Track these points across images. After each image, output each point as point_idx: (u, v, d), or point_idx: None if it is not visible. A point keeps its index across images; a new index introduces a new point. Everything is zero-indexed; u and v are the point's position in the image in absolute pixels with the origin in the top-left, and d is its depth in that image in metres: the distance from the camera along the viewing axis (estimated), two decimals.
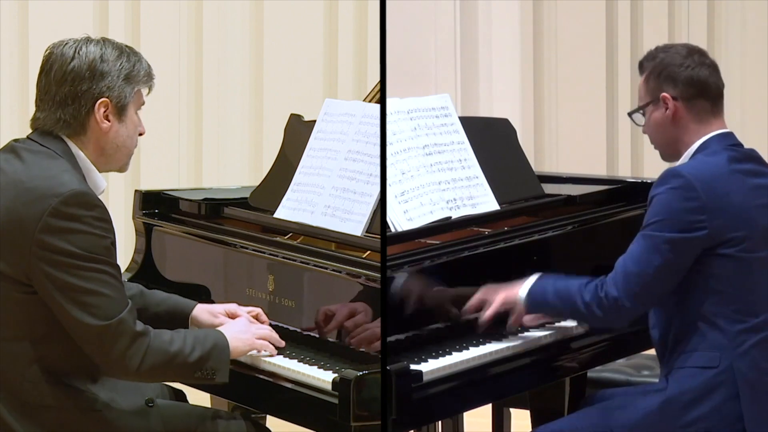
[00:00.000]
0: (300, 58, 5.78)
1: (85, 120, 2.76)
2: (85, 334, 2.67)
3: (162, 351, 2.73)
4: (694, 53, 3.06)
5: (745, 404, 2.86)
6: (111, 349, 2.67)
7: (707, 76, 3.03)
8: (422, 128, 3.25)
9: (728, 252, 2.88)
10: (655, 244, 2.88)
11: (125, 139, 2.82)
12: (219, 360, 2.82)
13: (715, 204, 2.88)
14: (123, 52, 2.80)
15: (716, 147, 2.98)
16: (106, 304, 2.66)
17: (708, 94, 3.03)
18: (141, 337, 2.70)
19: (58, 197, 2.64)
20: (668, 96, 3.01)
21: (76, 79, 2.75)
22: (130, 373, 2.71)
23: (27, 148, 2.76)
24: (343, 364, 2.84)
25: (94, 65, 2.75)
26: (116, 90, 2.77)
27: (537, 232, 3.29)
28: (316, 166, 3.28)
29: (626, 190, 3.67)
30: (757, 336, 2.90)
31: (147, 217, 3.62)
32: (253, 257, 3.21)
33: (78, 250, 2.64)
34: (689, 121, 3.01)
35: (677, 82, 3.01)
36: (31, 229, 2.64)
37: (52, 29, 3.05)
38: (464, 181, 3.27)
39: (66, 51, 2.77)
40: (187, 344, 2.77)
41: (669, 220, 2.88)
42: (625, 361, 3.81)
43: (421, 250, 2.99)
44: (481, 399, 3.05)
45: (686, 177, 2.89)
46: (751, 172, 2.99)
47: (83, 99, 2.75)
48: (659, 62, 3.05)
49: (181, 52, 5.66)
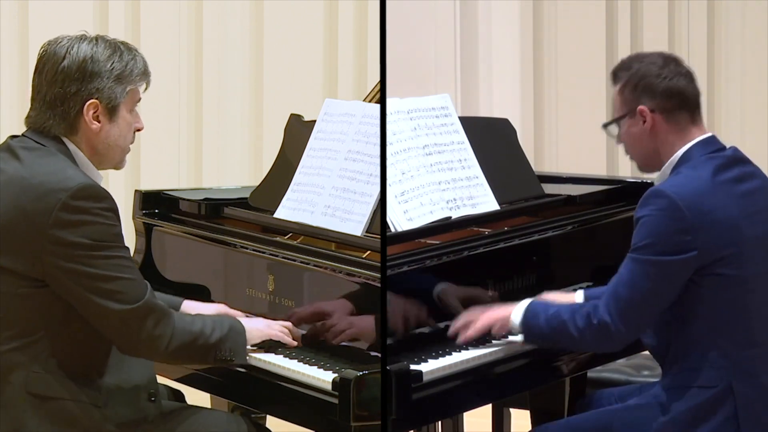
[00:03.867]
0: (300, 58, 5.78)
1: (75, 121, 2.77)
2: (111, 321, 2.69)
3: (187, 331, 2.77)
4: (670, 62, 2.96)
5: (744, 423, 2.83)
6: (140, 331, 2.70)
7: (685, 85, 2.94)
8: (422, 128, 3.25)
9: (721, 271, 2.82)
10: (644, 268, 2.81)
11: (117, 139, 2.81)
12: (236, 342, 2.86)
13: (702, 222, 2.80)
14: (116, 51, 2.78)
15: (699, 157, 2.90)
16: (129, 287, 2.69)
17: (687, 105, 2.94)
18: (167, 317, 2.74)
19: (67, 191, 2.65)
20: (646, 109, 2.92)
21: (66, 80, 2.74)
22: (160, 353, 2.75)
23: (24, 146, 2.76)
24: (343, 364, 2.84)
25: (84, 66, 2.74)
26: (106, 91, 2.76)
27: (537, 232, 3.29)
28: (316, 166, 3.28)
29: (626, 190, 3.67)
30: (755, 354, 2.87)
31: (147, 217, 3.63)
32: (253, 257, 3.21)
33: (91, 241, 2.66)
34: (668, 133, 2.93)
35: (655, 94, 2.92)
36: (42, 225, 2.65)
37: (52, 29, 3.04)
38: (464, 181, 3.26)
39: (58, 50, 2.76)
40: (207, 325, 2.82)
41: (657, 243, 2.80)
42: (625, 361, 3.81)
43: (421, 250, 2.99)
44: (481, 399, 3.05)
45: (670, 197, 2.81)
46: (738, 178, 2.91)
47: (72, 100, 2.75)
48: (635, 73, 2.95)
49: (181, 52, 5.66)
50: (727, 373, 2.84)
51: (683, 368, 2.88)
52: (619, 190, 3.67)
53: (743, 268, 2.85)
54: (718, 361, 2.84)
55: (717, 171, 2.88)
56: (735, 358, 2.85)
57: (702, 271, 2.83)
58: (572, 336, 2.88)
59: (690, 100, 2.95)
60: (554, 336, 2.92)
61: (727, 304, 2.85)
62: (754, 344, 2.87)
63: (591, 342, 2.91)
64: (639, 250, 2.84)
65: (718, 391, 2.84)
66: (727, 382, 2.84)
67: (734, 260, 2.83)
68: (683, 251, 2.80)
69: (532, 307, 2.95)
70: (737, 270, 2.84)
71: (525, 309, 2.95)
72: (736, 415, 2.83)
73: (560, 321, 2.88)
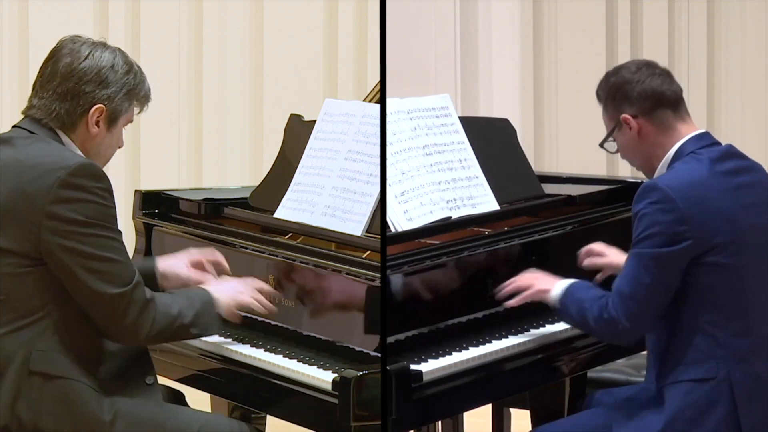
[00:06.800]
0: (300, 58, 5.78)
1: (78, 120, 2.83)
2: (99, 302, 2.74)
3: (167, 314, 2.82)
4: (642, 66, 3.03)
5: (742, 413, 2.84)
6: (124, 316, 2.75)
7: (659, 84, 2.99)
8: (422, 128, 3.25)
9: (715, 260, 2.85)
10: (644, 262, 2.86)
11: (107, 148, 2.90)
12: (210, 316, 2.92)
13: (696, 212, 2.84)
14: (132, 69, 2.89)
15: (692, 151, 2.94)
16: (119, 270, 2.74)
17: (666, 102, 2.99)
18: (150, 304, 2.79)
19: (65, 169, 2.71)
20: (628, 116, 2.99)
21: (83, 78, 2.82)
22: (141, 340, 2.81)
23: (17, 136, 2.83)
24: (343, 364, 2.84)
25: (104, 72, 2.83)
26: (115, 101, 2.85)
27: (537, 232, 3.29)
28: (316, 166, 3.28)
29: (626, 190, 3.66)
30: (751, 343, 2.88)
31: (147, 217, 3.63)
32: (253, 257, 3.21)
33: (88, 218, 2.72)
34: (655, 135, 2.98)
35: (632, 99, 2.99)
36: (41, 202, 2.70)
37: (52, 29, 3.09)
38: (464, 181, 3.27)
39: (82, 49, 2.84)
40: (183, 305, 2.87)
41: (654, 235, 2.84)
42: (625, 361, 3.81)
43: (421, 250, 3.00)
44: (481, 399, 3.05)
45: (663, 189, 2.85)
46: (733, 171, 2.94)
47: (82, 99, 2.82)
48: (612, 86, 3.03)
49: (181, 52, 5.66)
50: (724, 363, 2.85)
51: (680, 363, 2.89)
52: (619, 190, 3.67)
53: (738, 257, 2.87)
54: (714, 351, 2.86)
55: (711, 163, 2.92)
56: (731, 347, 2.86)
57: (697, 260, 2.86)
58: (590, 326, 2.96)
59: (667, 98, 3.00)
60: (579, 321, 3.00)
61: (719, 292, 2.87)
62: (750, 333, 2.89)
63: (603, 335, 2.99)
64: (638, 244, 2.88)
65: (718, 382, 2.85)
66: (725, 372, 2.85)
67: (729, 249, 2.86)
68: (678, 242, 2.84)
69: (570, 289, 3.02)
70: (732, 259, 2.86)
71: (564, 289, 3.02)
72: (735, 408, 2.84)
73: (583, 309, 2.95)
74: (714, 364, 2.85)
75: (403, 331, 2.87)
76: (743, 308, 2.88)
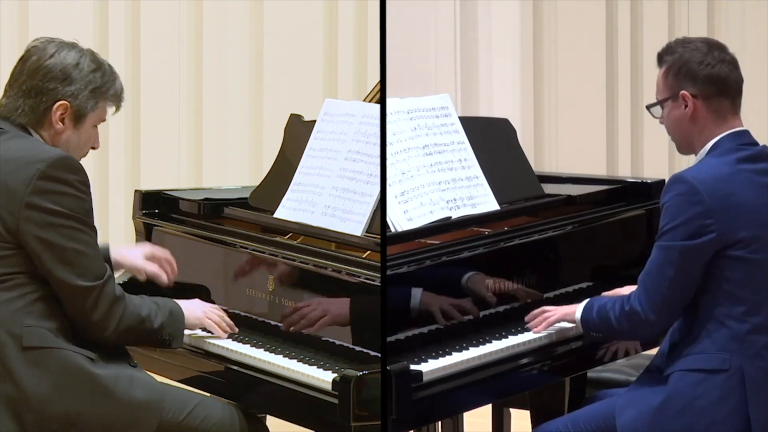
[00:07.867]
0: (300, 58, 5.78)
1: (42, 116, 2.89)
2: (69, 293, 2.80)
3: (135, 315, 2.88)
4: (714, 49, 3.00)
5: (752, 407, 2.84)
6: (93, 310, 2.81)
7: (727, 73, 2.99)
8: (422, 128, 3.25)
9: (738, 254, 2.86)
10: (668, 254, 2.87)
11: (74, 147, 2.93)
12: (176, 327, 2.99)
13: (721, 205, 2.85)
14: (100, 68, 2.93)
15: (726, 147, 2.95)
16: (90, 264, 2.81)
17: (728, 92, 2.99)
18: (120, 300, 2.85)
19: (45, 161, 2.77)
20: (688, 94, 2.97)
21: (47, 75, 2.88)
22: (107, 335, 2.85)
23: None
24: (343, 364, 2.84)
25: (68, 69, 2.89)
26: (79, 99, 2.89)
27: (537, 232, 3.29)
28: (316, 166, 3.28)
29: (626, 190, 3.67)
30: (766, 337, 2.89)
31: (147, 217, 3.63)
32: (253, 257, 3.21)
33: (65, 210, 2.78)
34: (708, 120, 2.98)
35: (697, 80, 2.97)
36: (20, 193, 2.76)
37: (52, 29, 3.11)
38: (464, 181, 3.27)
39: (49, 48, 2.91)
40: (152, 310, 2.93)
41: (678, 227, 2.86)
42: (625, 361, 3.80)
43: (421, 250, 2.99)
44: (481, 399, 3.05)
45: (689, 182, 2.87)
46: (764, 170, 2.95)
47: (45, 96, 2.88)
48: (678, 57, 2.99)
49: (181, 52, 5.66)
50: (738, 357, 2.85)
51: (692, 352, 2.90)
52: (619, 190, 3.67)
53: (762, 253, 2.88)
54: (730, 344, 2.86)
55: (740, 161, 2.94)
56: (747, 342, 2.86)
57: (720, 252, 2.87)
58: (613, 326, 2.97)
59: (731, 88, 3.00)
60: (602, 327, 3.02)
61: (739, 286, 2.87)
62: (765, 326, 2.89)
63: (627, 330, 2.99)
64: (663, 236, 2.89)
65: (730, 374, 2.85)
66: (737, 366, 2.85)
67: (753, 244, 2.87)
68: (703, 234, 2.85)
69: (589, 303, 3.05)
70: (756, 254, 2.87)
71: (584, 303, 3.05)
72: (745, 401, 2.85)
73: (605, 311, 2.98)
74: (728, 356, 2.86)
75: (403, 331, 2.87)
76: (762, 303, 2.89)
